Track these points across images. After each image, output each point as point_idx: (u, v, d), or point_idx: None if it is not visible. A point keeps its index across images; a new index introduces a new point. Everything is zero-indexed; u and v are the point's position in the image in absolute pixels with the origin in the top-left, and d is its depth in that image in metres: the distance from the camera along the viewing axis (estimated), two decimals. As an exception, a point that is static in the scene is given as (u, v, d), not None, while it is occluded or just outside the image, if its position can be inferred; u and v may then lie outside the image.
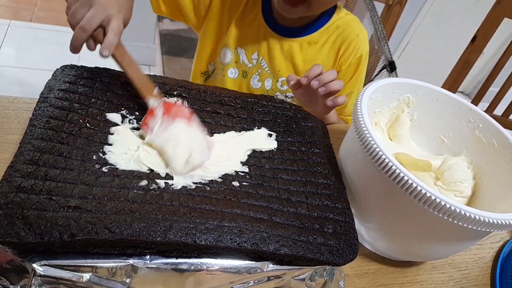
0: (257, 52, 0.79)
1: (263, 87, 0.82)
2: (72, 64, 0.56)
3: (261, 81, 0.81)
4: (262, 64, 0.80)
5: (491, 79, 1.28)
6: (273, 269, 0.42)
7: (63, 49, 1.91)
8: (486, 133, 0.57)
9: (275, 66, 0.79)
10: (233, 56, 0.80)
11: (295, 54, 0.78)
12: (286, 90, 0.82)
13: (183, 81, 0.60)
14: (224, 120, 0.56)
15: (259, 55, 0.79)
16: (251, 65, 0.81)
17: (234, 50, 0.80)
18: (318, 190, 0.50)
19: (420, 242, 0.49)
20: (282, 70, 0.80)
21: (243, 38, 0.79)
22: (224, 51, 0.80)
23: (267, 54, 0.79)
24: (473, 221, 0.41)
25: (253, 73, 0.81)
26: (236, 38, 0.79)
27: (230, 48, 0.80)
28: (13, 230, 0.36)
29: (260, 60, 0.80)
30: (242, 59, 0.80)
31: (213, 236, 0.40)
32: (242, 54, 0.80)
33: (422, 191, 0.41)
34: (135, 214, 0.39)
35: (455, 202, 0.41)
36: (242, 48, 0.80)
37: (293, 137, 0.57)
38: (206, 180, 0.47)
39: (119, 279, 0.39)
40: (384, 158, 0.44)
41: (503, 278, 0.57)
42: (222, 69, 0.82)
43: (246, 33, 0.78)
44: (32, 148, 0.43)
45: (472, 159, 0.58)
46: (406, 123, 0.62)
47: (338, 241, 0.45)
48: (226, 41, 0.80)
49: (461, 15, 2.05)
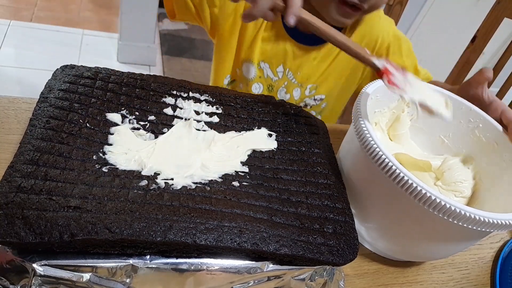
0: (282, 64, 0.78)
1: (292, 98, 0.81)
2: (72, 64, 0.56)
3: (289, 92, 0.81)
4: (289, 76, 0.79)
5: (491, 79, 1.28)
6: (273, 269, 0.42)
7: (63, 49, 1.92)
8: (486, 133, 0.57)
9: (302, 75, 0.79)
10: (257, 71, 0.79)
11: (321, 61, 0.78)
12: (314, 94, 0.81)
13: (183, 81, 0.60)
14: (224, 120, 0.56)
15: (285, 68, 0.78)
16: (277, 78, 0.80)
17: (257, 65, 0.78)
18: (318, 190, 0.50)
19: (420, 242, 0.49)
20: (310, 78, 0.79)
21: (266, 53, 0.78)
22: (247, 66, 0.79)
23: (293, 65, 0.78)
24: (473, 221, 0.41)
25: (279, 86, 0.80)
26: (259, 53, 0.78)
27: (253, 63, 0.78)
28: (13, 230, 0.36)
29: (286, 72, 0.79)
30: (266, 73, 0.79)
31: (213, 236, 0.40)
32: (266, 68, 0.79)
33: (422, 191, 0.41)
34: (135, 214, 0.39)
35: (455, 202, 0.41)
36: (265, 63, 0.78)
37: (293, 137, 0.57)
38: (206, 180, 0.47)
39: (119, 279, 0.39)
40: (385, 158, 0.44)
41: (503, 278, 0.57)
42: (246, 84, 0.81)
43: (270, 47, 0.77)
44: (32, 148, 0.43)
45: (472, 159, 0.58)
46: (406, 123, 0.63)
47: (338, 241, 0.45)
48: (248, 56, 0.78)
49: (461, 15, 2.05)
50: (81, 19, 2.20)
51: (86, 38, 2.06)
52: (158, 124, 0.52)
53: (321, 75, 0.80)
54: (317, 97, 0.83)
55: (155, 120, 0.52)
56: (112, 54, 2.03)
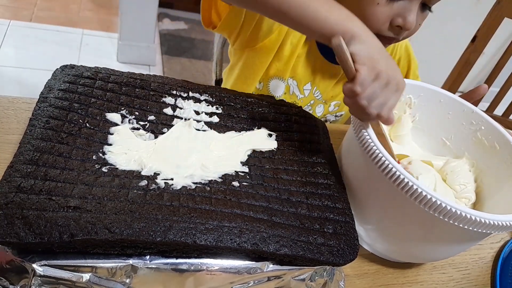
0: (310, 82, 0.77)
1: (314, 113, 0.80)
2: (72, 64, 0.56)
3: (312, 108, 0.80)
4: (316, 95, 0.78)
5: (491, 79, 1.28)
6: (273, 269, 0.42)
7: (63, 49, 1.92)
8: (488, 136, 0.56)
9: (329, 93, 0.78)
10: (285, 88, 0.77)
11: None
12: (337, 111, 0.82)
13: (183, 81, 0.60)
14: (224, 120, 0.56)
15: (312, 86, 0.77)
16: (303, 96, 0.78)
17: (286, 81, 0.76)
18: (318, 190, 0.50)
19: (419, 244, 0.49)
20: (334, 95, 0.79)
21: (297, 70, 0.75)
22: (276, 83, 0.76)
23: (321, 83, 0.77)
24: (474, 222, 0.41)
25: (304, 104, 0.79)
26: (290, 69, 0.74)
27: (283, 79, 0.75)
28: (13, 230, 0.36)
29: (314, 90, 0.78)
30: (293, 90, 0.77)
31: (213, 236, 0.40)
32: (294, 85, 0.77)
33: (423, 193, 0.41)
34: (135, 214, 0.39)
35: (454, 204, 0.41)
36: (294, 80, 0.77)
37: (293, 137, 0.57)
38: (206, 180, 0.47)
39: (119, 279, 0.39)
40: (385, 160, 0.44)
41: (503, 278, 0.57)
42: None
43: (301, 65, 0.75)
44: (32, 148, 0.43)
45: (474, 161, 0.58)
46: (408, 124, 0.62)
47: (338, 241, 0.45)
48: (280, 72, 0.74)
49: (461, 15, 2.05)
50: (81, 19, 2.20)
51: (86, 38, 2.06)
52: (158, 124, 0.52)
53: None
54: (338, 114, 0.83)
55: (155, 120, 0.52)
56: (112, 54, 2.03)
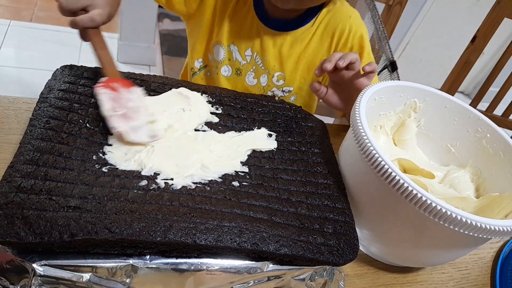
0: (250, 48, 0.78)
1: (259, 84, 0.81)
2: (72, 64, 0.56)
3: (257, 77, 0.81)
4: (257, 61, 0.79)
5: (491, 79, 1.28)
6: (273, 269, 0.42)
7: (63, 49, 1.92)
8: (493, 144, 0.56)
9: (269, 62, 0.79)
10: (226, 53, 0.79)
11: (288, 48, 0.77)
12: (282, 85, 0.81)
13: (183, 81, 0.60)
14: (224, 120, 0.56)
15: (253, 51, 0.79)
16: (245, 62, 0.80)
17: (227, 47, 0.79)
18: (318, 190, 0.50)
19: (417, 248, 0.48)
20: (276, 65, 0.79)
21: (236, 35, 0.78)
22: (217, 49, 0.79)
23: (261, 50, 0.78)
24: (474, 228, 0.40)
25: (247, 70, 0.80)
26: (228, 35, 0.78)
27: (223, 45, 0.78)
28: (13, 230, 0.36)
29: (254, 56, 0.79)
30: (235, 56, 0.79)
31: (213, 236, 0.40)
32: (235, 51, 0.79)
33: (423, 198, 0.41)
34: (135, 214, 0.39)
35: (454, 209, 0.40)
36: (235, 45, 0.79)
37: (293, 137, 0.57)
38: (206, 180, 0.47)
39: (119, 279, 0.39)
40: (384, 165, 0.43)
41: (503, 278, 0.57)
42: (216, 67, 0.81)
43: (239, 29, 0.78)
44: (32, 148, 0.43)
45: (478, 170, 0.57)
46: (412, 128, 0.61)
47: (338, 241, 0.45)
48: (218, 38, 0.78)
49: (461, 15, 2.05)
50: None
51: (86, 38, 2.06)
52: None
53: (288, 64, 0.79)
54: (285, 88, 0.82)
55: (155, 120, 0.52)
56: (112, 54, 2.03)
